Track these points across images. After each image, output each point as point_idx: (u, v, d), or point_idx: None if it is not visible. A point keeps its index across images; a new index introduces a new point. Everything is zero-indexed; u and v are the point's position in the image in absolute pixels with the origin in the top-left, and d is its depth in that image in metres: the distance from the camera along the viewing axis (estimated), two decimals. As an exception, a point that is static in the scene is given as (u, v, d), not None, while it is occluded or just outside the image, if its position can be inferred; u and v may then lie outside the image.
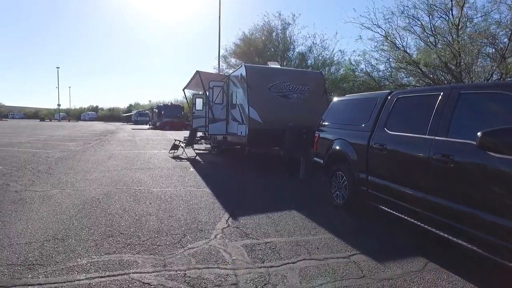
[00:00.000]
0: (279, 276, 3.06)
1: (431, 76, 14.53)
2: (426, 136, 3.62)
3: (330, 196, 5.66)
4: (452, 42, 12.86)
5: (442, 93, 3.68)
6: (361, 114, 5.08)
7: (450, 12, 13.63)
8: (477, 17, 13.37)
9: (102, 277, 2.98)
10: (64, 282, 2.87)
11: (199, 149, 14.53)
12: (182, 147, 12.40)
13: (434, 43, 14.28)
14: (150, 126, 44.04)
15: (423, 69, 14.21)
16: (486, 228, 2.89)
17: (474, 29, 13.40)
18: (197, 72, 12.17)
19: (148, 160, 11.03)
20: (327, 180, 5.88)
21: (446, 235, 3.30)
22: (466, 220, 3.10)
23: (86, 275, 2.99)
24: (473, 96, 3.39)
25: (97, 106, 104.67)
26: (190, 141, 12.52)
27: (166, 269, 3.15)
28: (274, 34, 24.14)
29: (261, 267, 3.23)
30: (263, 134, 9.32)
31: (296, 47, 24.68)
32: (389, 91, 4.87)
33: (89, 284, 2.84)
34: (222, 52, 26.93)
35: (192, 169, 9.43)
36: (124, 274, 3.04)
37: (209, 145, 15.38)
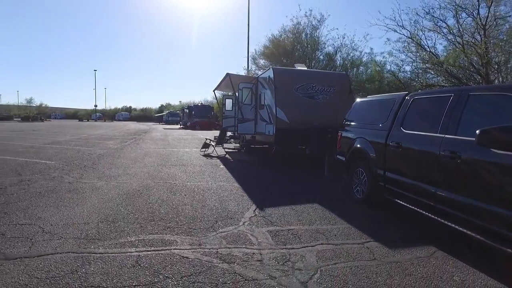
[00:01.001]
0: (299, 256, 3.50)
1: (460, 76, 14.29)
2: (437, 135, 3.92)
3: (351, 191, 6.01)
4: (480, 42, 12.62)
5: (453, 95, 3.96)
6: (380, 114, 5.40)
7: (477, 12, 13.36)
8: (510, 15, 13.02)
9: (148, 251, 3.55)
10: (119, 253, 3.47)
11: (229, 148, 15.13)
12: (212, 145, 13.05)
13: (461, 43, 14.03)
14: (181, 126, 45.44)
15: (449, 70, 14.01)
16: (490, 218, 3.17)
17: (506, 27, 13.06)
18: (227, 74, 12.78)
19: (181, 157, 11.75)
20: (348, 176, 6.22)
21: (456, 226, 3.58)
22: (472, 211, 3.38)
23: (135, 249, 3.58)
24: (480, 97, 3.66)
25: (130, 107, 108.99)
26: (220, 140, 13.14)
27: (201, 247, 3.68)
28: (303, 35, 24.46)
29: (283, 249, 3.69)
30: (289, 134, 9.74)
31: (324, 47, 24.85)
32: (406, 92, 5.16)
33: (139, 255, 3.42)
34: (251, 53, 27.64)
35: (222, 166, 10.02)
36: (166, 249, 3.60)
37: (238, 144, 15.95)
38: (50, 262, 3.20)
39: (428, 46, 15.33)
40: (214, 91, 17.14)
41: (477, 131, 3.02)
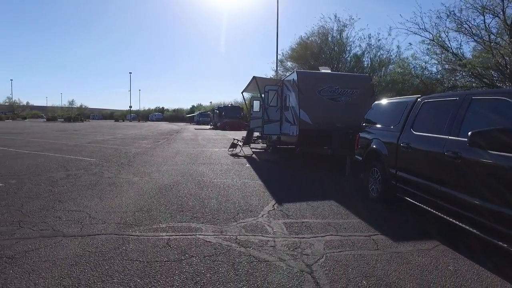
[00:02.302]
0: (308, 244, 3.91)
1: (490, 76, 13.91)
2: (442, 136, 4.17)
3: (367, 190, 6.29)
4: (506, 43, 12.25)
5: (458, 98, 4.21)
6: (393, 116, 5.67)
7: (502, 13, 12.90)
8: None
9: (177, 235, 4.10)
10: (152, 236, 4.04)
11: (256, 148, 15.63)
12: (240, 145, 13.61)
13: (489, 44, 13.64)
14: (211, 126, 46.57)
15: (477, 71, 13.67)
16: (485, 214, 3.42)
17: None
18: (254, 77, 13.31)
19: (210, 157, 12.39)
20: (365, 175, 6.50)
21: (458, 222, 3.83)
22: (472, 208, 3.63)
23: (166, 233, 4.14)
24: (482, 101, 3.89)
25: (163, 108, 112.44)
26: (247, 140, 13.67)
27: (223, 234, 4.18)
28: (329, 37, 24.51)
29: (295, 238, 4.11)
30: (312, 135, 10.07)
31: (352, 48, 24.73)
32: (417, 96, 5.40)
33: (169, 239, 3.97)
34: (279, 56, 28.09)
35: (248, 165, 10.53)
36: (192, 235, 4.13)
37: (265, 144, 16.42)
38: (98, 240, 3.83)
39: (452, 48, 15.10)
40: (242, 93, 17.74)
41: (469, 133, 3.30)
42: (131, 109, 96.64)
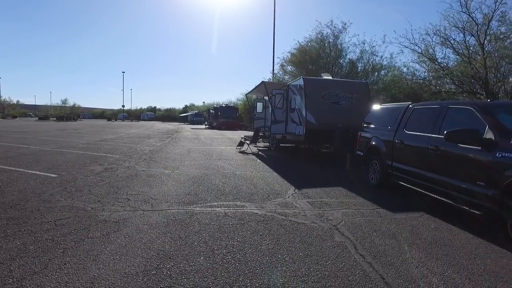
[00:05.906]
0: (329, 214, 5.27)
1: (469, 84, 15.76)
2: (427, 134, 5.59)
3: (367, 179, 7.70)
4: (483, 57, 14.09)
5: (439, 106, 5.63)
6: (390, 119, 7.08)
7: (477, 34, 14.82)
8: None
9: (229, 209, 5.39)
10: (211, 210, 5.33)
11: (259, 147, 16.94)
12: (247, 143, 14.92)
13: (468, 58, 15.49)
14: (207, 126, 47.62)
15: (460, 79, 15.51)
16: (456, 189, 4.83)
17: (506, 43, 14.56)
18: (262, 82, 14.71)
19: (221, 153, 13.64)
20: (365, 167, 7.91)
21: (439, 197, 5.23)
22: (449, 186, 5.04)
23: (220, 208, 5.44)
24: (455, 109, 5.32)
25: (155, 107, 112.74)
26: (254, 139, 15.00)
27: (264, 209, 5.49)
28: (326, 43, 26.05)
29: (319, 210, 5.47)
30: (317, 134, 11.49)
31: (347, 54, 26.36)
32: (409, 103, 6.82)
33: (224, 212, 5.26)
34: (279, 60, 29.70)
35: (259, 160, 11.85)
36: (241, 209, 5.43)
37: (267, 143, 17.75)
38: (171, 213, 5.10)
39: (437, 59, 17.17)
40: (246, 95, 19.05)
41: (445, 132, 4.71)
42: (124, 108, 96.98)
